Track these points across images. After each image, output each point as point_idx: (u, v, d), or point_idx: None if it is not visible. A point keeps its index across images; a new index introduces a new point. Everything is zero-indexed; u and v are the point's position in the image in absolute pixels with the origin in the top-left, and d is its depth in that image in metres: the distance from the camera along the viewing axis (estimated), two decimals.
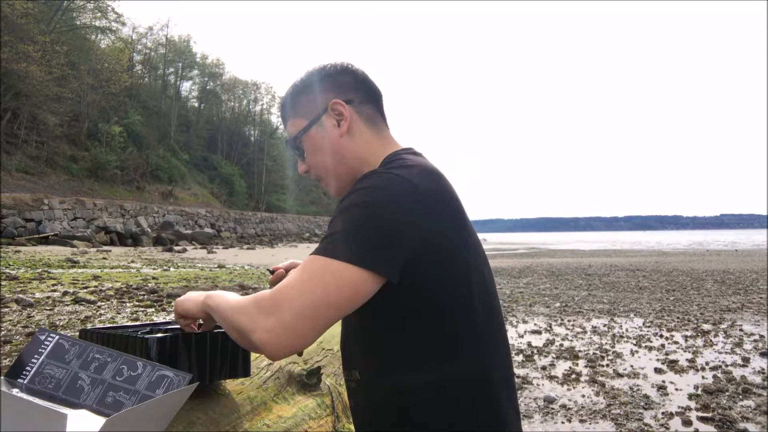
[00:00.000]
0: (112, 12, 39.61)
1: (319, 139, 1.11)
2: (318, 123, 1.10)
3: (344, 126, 1.09)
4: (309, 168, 1.15)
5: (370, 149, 1.11)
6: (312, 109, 1.11)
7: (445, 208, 0.96)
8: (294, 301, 0.87)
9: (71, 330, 5.39)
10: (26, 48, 28.30)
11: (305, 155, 1.13)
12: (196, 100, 57.66)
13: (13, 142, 29.27)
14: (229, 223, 40.17)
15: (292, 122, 1.14)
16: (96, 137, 36.38)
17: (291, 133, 1.14)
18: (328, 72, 1.13)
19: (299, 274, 0.90)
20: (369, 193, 0.93)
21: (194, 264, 15.04)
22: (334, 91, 1.11)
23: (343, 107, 1.09)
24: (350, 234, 0.90)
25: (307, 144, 1.12)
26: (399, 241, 0.90)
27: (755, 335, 5.99)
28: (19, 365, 0.91)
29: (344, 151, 1.10)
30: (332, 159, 1.11)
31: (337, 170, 1.11)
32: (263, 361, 1.38)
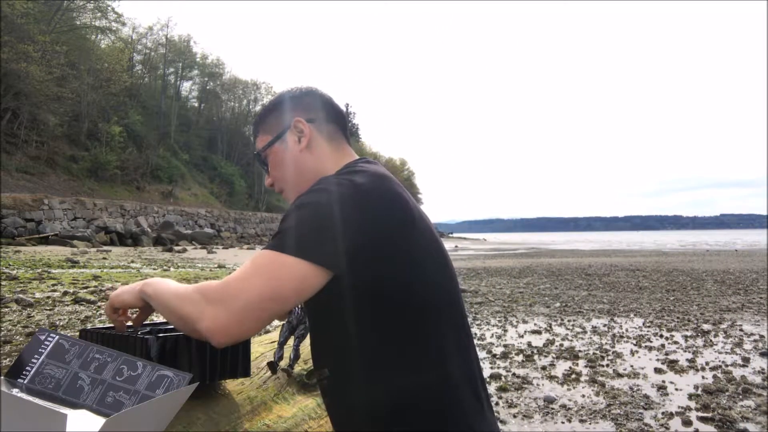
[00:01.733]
0: (112, 12, 39.57)
1: (281, 153, 1.19)
2: (282, 139, 1.19)
3: (304, 141, 1.18)
4: (273, 181, 1.23)
5: (327, 163, 1.18)
6: (277, 127, 1.20)
7: (390, 207, 0.99)
8: (241, 292, 0.91)
9: (71, 330, 5.39)
10: (26, 48, 28.28)
11: (269, 169, 1.22)
12: (196, 100, 57.65)
13: (13, 142, 29.26)
14: (229, 223, 40.17)
15: (260, 138, 1.23)
16: (96, 137, 36.36)
17: (259, 147, 1.24)
18: (294, 94, 1.23)
19: (248, 267, 0.95)
20: (315, 194, 0.99)
21: (194, 264, 15.04)
22: (298, 111, 1.20)
23: (304, 125, 1.18)
24: (296, 230, 0.95)
25: (271, 158, 1.20)
26: (342, 235, 0.94)
27: (755, 335, 5.99)
28: (19, 365, 0.91)
29: (304, 164, 1.18)
30: (292, 172, 1.19)
31: (297, 182, 1.18)
32: (263, 361, 1.38)
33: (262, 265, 0.94)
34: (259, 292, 0.91)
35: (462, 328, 1.05)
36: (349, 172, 1.05)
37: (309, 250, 0.94)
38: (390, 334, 0.96)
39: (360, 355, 0.98)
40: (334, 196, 0.98)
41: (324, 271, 0.94)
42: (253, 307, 0.91)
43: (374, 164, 1.13)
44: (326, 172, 1.14)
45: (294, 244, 0.94)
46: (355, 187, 0.99)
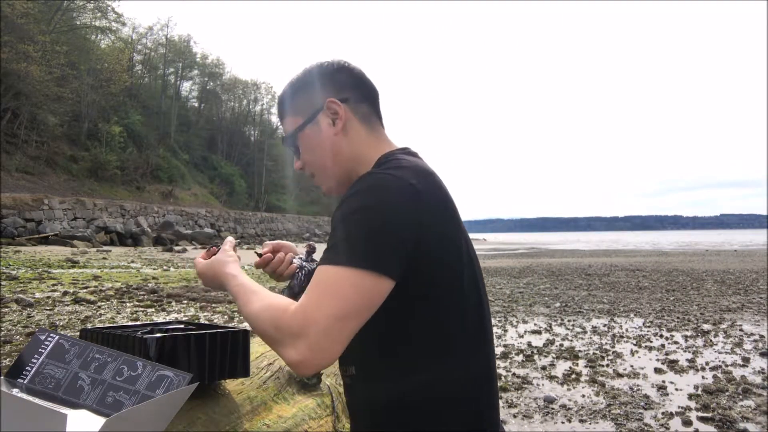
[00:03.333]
0: (112, 12, 39.60)
1: (315, 137, 1.12)
2: (314, 121, 1.11)
3: (339, 125, 1.10)
4: (304, 165, 1.16)
5: (364, 148, 1.12)
6: (308, 108, 1.12)
7: (442, 209, 0.98)
8: (319, 320, 0.87)
9: (71, 330, 5.39)
10: (26, 48, 28.28)
11: (300, 152, 1.15)
12: (196, 100, 57.64)
13: (13, 142, 29.26)
14: (229, 223, 40.19)
15: (289, 120, 1.15)
16: (96, 137, 36.36)
17: (287, 130, 1.16)
18: (325, 70, 1.13)
19: (317, 289, 0.90)
20: (369, 197, 0.94)
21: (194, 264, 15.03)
22: (330, 90, 1.12)
23: (338, 106, 1.10)
24: (358, 239, 0.91)
25: (302, 141, 1.13)
26: (403, 243, 0.91)
27: (755, 335, 5.99)
28: (19, 365, 0.91)
29: (339, 149, 1.11)
30: (327, 157, 1.12)
31: (331, 168, 1.13)
32: (263, 361, 1.38)
33: (328, 284, 0.89)
34: (333, 314, 0.87)
35: (490, 325, 1.06)
36: (396, 168, 1.00)
37: (373, 260, 0.90)
38: (424, 332, 0.96)
39: (391, 354, 0.97)
40: (389, 198, 0.93)
41: (390, 280, 0.91)
42: (331, 332, 0.87)
43: (417, 157, 1.10)
44: (363, 157, 1.10)
45: (357, 256, 0.90)
46: (409, 188, 0.95)
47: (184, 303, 7.47)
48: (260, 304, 0.96)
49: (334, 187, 1.16)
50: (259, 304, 0.96)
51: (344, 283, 0.89)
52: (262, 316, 0.94)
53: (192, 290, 8.62)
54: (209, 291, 8.66)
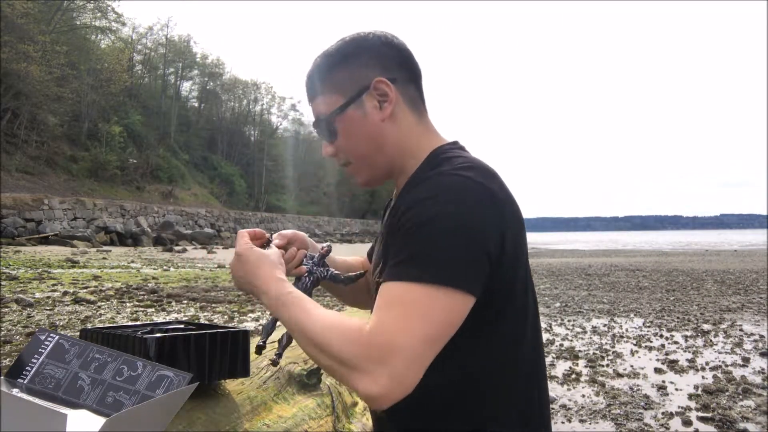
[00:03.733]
0: (112, 12, 39.63)
1: (357, 121, 0.98)
2: (357, 103, 0.97)
3: (387, 109, 0.97)
4: (337, 152, 1.02)
5: (413, 138, 1.00)
6: (351, 86, 0.98)
7: (517, 216, 0.90)
8: (406, 346, 0.76)
9: (71, 330, 5.39)
10: (26, 48, 28.29)
11: (337, 137, 1.00)
12: (196, 100, 57.66)
13: (13, 142, 29.27)
14: (229, 223, 40.18)
15: (325, 99, 0.99)
16: (96, 137, 36.38)
17: (321, 111, 1.00)
18: (371, 43, 0.99)
19: (399, 308, 0.79)
20: (448, 202, 0.83)
21: (194, 264, 15.04)
22: (377, 67, 0.98)
23: (388, 87, 0.97)
24: (442, 252, 0.81)
25: (341, 125, 0.98)
26: (488, 256, 0.83)
27: (755, 335, 5.99)
28: (19, 365, 0.91)
29: (384, 137, 0.99)
30: (370, 145, 0.99)
31: (373, 158, 1.00)
32: (263, 361, 1.38)
33: (413, 305, 0.78)
34: (422, 338, 0.77)
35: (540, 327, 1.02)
36: (467, 168, 0.89)
37: (461, 277, 0.80)
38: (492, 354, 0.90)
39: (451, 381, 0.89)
40: (471, 204, 0.83)
41: (472, 297, 0.82)
42: (418, 360, 0.77)
43: (468, 152, 0.99)
44: (411, 148, 0.99)
45: (444, 272, 0.79)
46: (489, 194, 0.85)
47: (184, 303, 7.47)
48: (324, 321, 0.84)
49: (373, 179, 1.04)
50: (324, 322, 0.83)
51: (432, 303, 0.78)
52: (327, 337, 0.81)
53: (192, 290, 8.62)
54: (209, 291, 8.66)
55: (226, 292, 8.63)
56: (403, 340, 0.76)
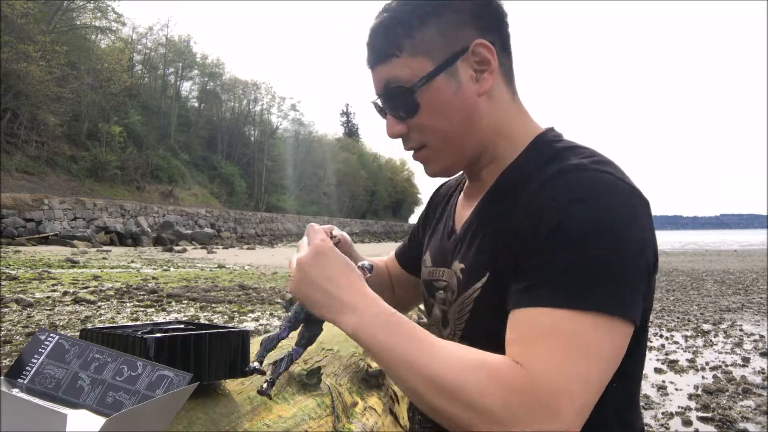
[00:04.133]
0: (112, 12, 39.61)
1: (448, 93, 0.79)
2: (450, 70, 0.78)
3: (488, 81, 0.79)
4: (410, 131, 0.83)
5: (508, 118, 0.84)
6: (442, 49, 0.78)
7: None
8: (575, 389, 0.61)
9: (71, 330, 5.39)
10: (26, 48, 28.29)
11: (419, 111, 0.80)
12: (196, 100, 57.65)
13: (13, 142, 29.27)
14: (229, 223, 40.17)
15: (405, 62, 0.79)
16: (96, 137, 36.38)
17: (400, 77, 0.79)
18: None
19: (562, 344, 0.63)
20: (603, 208, 0.68)
21: (194, 264, 15.04)
22: (474, 27, 0.79)
23: (490, 53, 0.78)
24: (606, 274, 0.65)
25: (426, 97, 0.79)
26: (647, 275, 0.70)
27: (755, 335, 5.99)
28: (19, 365, 0.91)
29: (479, 116, 0.81)
30: (460, 125, 0.80)
31: (461, 141, 0.82)
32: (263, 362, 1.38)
33: (586, 338, 0.63)
34: (592, 383, 0.63)
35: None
36: (599, 162, 0.73)
37: (628, 303, 0.66)
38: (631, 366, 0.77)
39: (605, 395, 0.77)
40: (626, 211, 0.69)
41: (634, 326, 0.68)
42: (586, 409, 0.62)
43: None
44: (507, 131, 0.83)
45: (612, 299, 0.64)
46: (639, 197, 0.71)
47: (184, 303, 7.47)
48: (453, 356, 0.65)
49: (453, 166, 0.87)
50: (452, 357, 0.65)
51: (601, 337, 0.63)
52: (462, 379, 0.63)
53: (192, 290, 8.62)
54: (209, 291, 8.64)
55: (226, 292, 8.63)
56: (574, 386, 0.61)
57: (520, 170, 0.82)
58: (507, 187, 0.83)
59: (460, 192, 1.01)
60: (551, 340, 0.64)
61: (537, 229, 0.70)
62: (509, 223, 0.76)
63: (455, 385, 0.63)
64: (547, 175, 0.74)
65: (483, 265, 0.81)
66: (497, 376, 0.62)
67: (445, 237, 0.96)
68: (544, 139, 0.84)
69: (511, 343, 0.67)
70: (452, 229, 0.95)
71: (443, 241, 0.96)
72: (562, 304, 0.64)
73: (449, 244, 0.93)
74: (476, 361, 0.65)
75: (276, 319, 6.38)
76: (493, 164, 0.86)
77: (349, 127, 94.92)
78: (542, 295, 0.66)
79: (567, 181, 0.71)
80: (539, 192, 0.73)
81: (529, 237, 0.71)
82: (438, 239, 0.99)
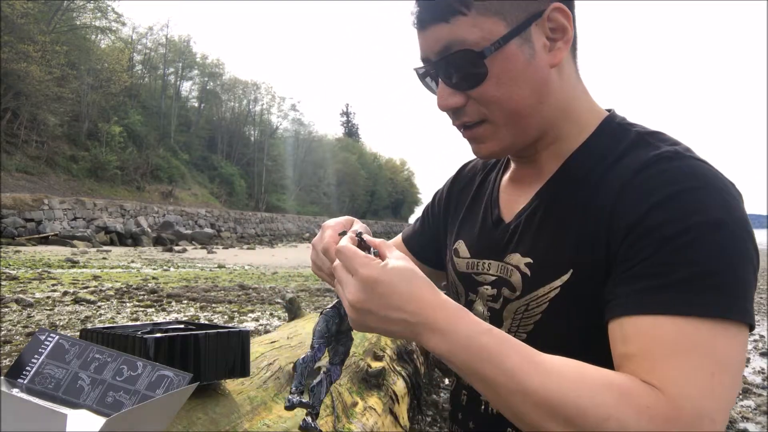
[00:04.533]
0: (112, 12, 39.64)
1: (522, 62, 0.69)
2: (524, 35, 0.68)
3: (562, 51, 0.70)
4: (467, 103, 0.72)
5: (575, 97, 0.76)
6: (517, 9, 0.68)
7: None
8: (716, 413, 0.55)
9: (71, 330, 5.39)
10: (26, 48, 28.31)
11: (483, 81, 0.69)
12: (196, 100, 57.68)
13: (13, 142, 29.28)
14: (229, 223, 40.17)
15: (475, 21, 0.67)
16: (96, 137, 36.40)
17: (467, 39, 0.68)
18: None
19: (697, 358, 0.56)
20: (720, 202, 0.62)
21: (194, 264, 15.04)
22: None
23: (567, 20, 0.69)
24: (734, 273, 0.59)
25: (496, 64, 0.68)
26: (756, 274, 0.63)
27: (755, 335, 6.00)
28: (19, 365, 0.91)
29: (549, 90, 0.72)
30: (530, 98, 0.71)
31: (528, 117, 0.72)
32: (263, 361, 1.38)
33: (717, 351, 0.56)
34: (729, 400, 0.57)
35: None
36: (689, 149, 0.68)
37: (749, 308, 0.59)
38: None
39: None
40: (738, 206, 0.63)
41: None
42: (723, 426, 0.56)
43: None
44: (572, 110, 0.76)
45: (739, 304, 0.58)
46: (737, 191, 0.65)
47: (184, 303, 7.47)
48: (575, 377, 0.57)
49: (511, 146, 0.76)
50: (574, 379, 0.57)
51: (731, 346, 0.57)
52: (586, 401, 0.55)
53: (192, 290, 8.62)
54: (209, 291, 8.64)
55: (226, 292, 8.63)
56: (712, 405, 0.55)
57: (592, 154, 0.75)
58: (580, 173, 0.75)
59: (497, 175, 0.92)
60: (684, 355, 0.56)
61: (641, 222, 0.62)
62: (594, 214, 0.69)
63: (578, 409, 0.55)
64: (641, 162, 0.67)
65: (562, 261, 0.72)
66: (630, 398, 0.55)
67: (489, 225, 0.86)
68: (615, 121, 0.76)
69: (630, 358, 0.60)
70: (499, 217, 0.85)
71: (486, 230, 0.86)
72: (687, 311, 0.57)
73: (497, 234, 0.83)
74: (600, 380, 0.57)
75: (276, 319, 6.39)
76: (554, 146, 0.78)
77: (349, 127, 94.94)
78: (662, 300, 0.58)
79: (672, 168, 0.64)
80: (635, 179, 0.66)
81: (631, 230, 0.63)
82: (477, 227, 0.89)
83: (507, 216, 0.84)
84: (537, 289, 0.74)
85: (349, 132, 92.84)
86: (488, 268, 0.83)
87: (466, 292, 0.89)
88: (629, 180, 0.66)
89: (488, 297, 0.83)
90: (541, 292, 0.74)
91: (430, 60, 0.73)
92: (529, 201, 0.81)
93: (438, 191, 1.08)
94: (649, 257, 0.61)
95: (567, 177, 0.77)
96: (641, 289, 0.60)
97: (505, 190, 0.88)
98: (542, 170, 0.80)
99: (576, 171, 0.76)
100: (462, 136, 0.79)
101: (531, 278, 0.76)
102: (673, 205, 0.61)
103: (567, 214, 0.74)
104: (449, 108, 0.73)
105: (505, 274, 0.80)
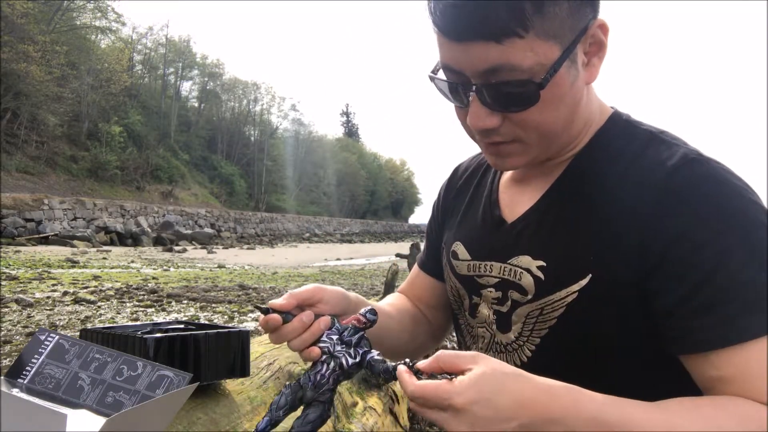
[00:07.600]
0: (112, 12, 39.67)
1: (568, 85, 0.66)
2: (572, 57, 0.65)
3: (597, 68, 0.68)
4: (502, 123, 0.68)
5: (595, 104, 0.75)
6: (569, 30, 0.64)
7: None
8: None
9: (71, 330, 5.39)
10: (26, 48, 28.32)
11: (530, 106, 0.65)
12: (196, 100, 57.70)
13: (13, 142, 29.29)
14: (229, 223, 40.19)
15: (532, 44, 0.62)
16: (96, 137, 36.42)
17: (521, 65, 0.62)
18: None
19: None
20: (755, 205, 0.63)
21: (194, 264, 15.04)
22: (588, 5, 0.65)
23: (605, 34, 0.67)
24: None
25: (547, 91, 0.64)
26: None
27: None
28: (19, 365, 0.91)
29: (580, 107, 0.71)
30: (566, 119, 0.69)
31: (560, 135, 0.71)
32: (263, 361, 1.38)
33: None
34: None
35: None
36: (701, 152, 0.67)
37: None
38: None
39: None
40: (764, 209, 0.64)
41: None
42: None
43: None
44: (592, 118, 0.74)
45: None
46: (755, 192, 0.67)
47: (184, 303, 7.47)
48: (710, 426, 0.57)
49: (535, 161, 0.75)
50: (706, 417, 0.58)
51: None
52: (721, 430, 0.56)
53: (192, 290, 8.62)
54: (209, 291, 8.65)
55: (226, 292, 8.63)
56: None
57: (603, 152, 0.73)
58: (591, 171, 0.73)
59: (495, 175, 0.89)
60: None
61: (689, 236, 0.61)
62: (620, 216, 0.66)
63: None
64: (670, 165, 0.65)
65: (580, 265, 0.70)
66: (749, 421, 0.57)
67: (490, 226, 0.83)
68: (622, 119, 0.75)
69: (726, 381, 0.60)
70: (500, 218, 0.82)
71: (486, 230, 0.84)
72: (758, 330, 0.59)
73: (499, 235, 0.81)
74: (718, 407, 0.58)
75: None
76: (565, 148, 0.77)
77: (349, 127, 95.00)
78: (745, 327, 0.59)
79: (706, 176, 0.63)
80: (671, 183, 0.64)
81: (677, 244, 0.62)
82: (476, 228, 0.86)
83: (509, 217, 0.82)
84: (552, 294, 0.72)
85: (349, 132, 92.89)
86: (490, 270, 0.81)
87: (468, 295, 0.86)
88: (663, 184, 0.65)
89: (493, 300, 0.80)
90: (557, 297, 0.71)
91: (465, 75, 0.66)
92: (536, 201, 0.78)
93: (435, 201, 1.06)
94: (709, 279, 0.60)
95: (577, 176, 0.74)
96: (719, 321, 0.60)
97: (505, 191, 0.85)
98: (547, 169, 0.78)
99: (586, 170, 0.74)
100: (480, 148, 0.77)
101: (545, 282, 0.73)
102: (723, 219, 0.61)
103: (584, 216, 0.71)
104: (484, 129, 0.69)
105: (511, 276, 0.77)
